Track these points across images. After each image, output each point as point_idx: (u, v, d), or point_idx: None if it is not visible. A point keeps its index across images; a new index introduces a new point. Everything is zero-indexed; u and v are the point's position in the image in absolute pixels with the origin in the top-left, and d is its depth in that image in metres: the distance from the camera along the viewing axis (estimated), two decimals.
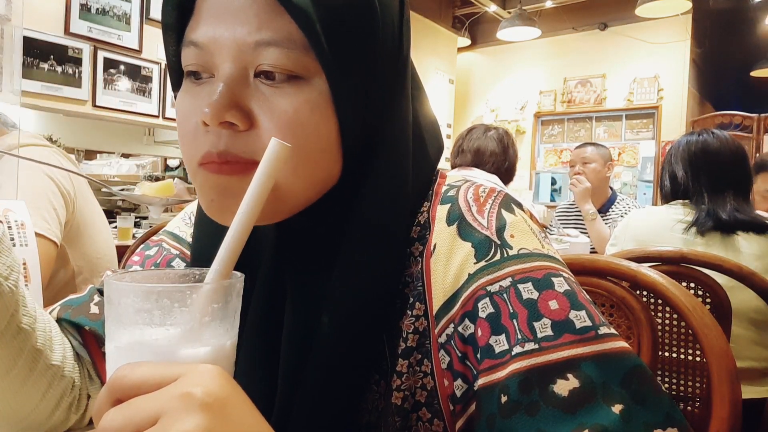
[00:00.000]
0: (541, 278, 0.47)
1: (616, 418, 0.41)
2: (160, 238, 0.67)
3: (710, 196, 1.59)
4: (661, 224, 1.62)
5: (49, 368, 0.55)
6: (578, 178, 2.76)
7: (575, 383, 0.42)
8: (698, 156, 1.66)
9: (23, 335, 0.52)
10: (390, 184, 0.51)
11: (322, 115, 0.47)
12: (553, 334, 0.45)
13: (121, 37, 3.56)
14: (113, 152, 4.10)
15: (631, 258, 1.03)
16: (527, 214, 0.53)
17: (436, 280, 0.50)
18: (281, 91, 0.46)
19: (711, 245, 1.53)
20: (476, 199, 0.53)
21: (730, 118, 5.51)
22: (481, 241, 0.50)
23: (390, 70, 0.51)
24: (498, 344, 0.46)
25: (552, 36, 6.13)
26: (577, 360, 0.43)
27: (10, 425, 0.53)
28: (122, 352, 0.36)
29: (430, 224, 0.52)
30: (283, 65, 0.45)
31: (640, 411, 0.41)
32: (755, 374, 1.51)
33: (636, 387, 0.42)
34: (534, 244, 0.50)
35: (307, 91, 0.46)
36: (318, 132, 0.46)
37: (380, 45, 0.49)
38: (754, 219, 1.53)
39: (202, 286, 0.37)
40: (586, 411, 0.41)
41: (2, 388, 0.51)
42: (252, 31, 0.45)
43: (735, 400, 0.65)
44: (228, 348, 0.38)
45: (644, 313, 0.82)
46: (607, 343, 0.44)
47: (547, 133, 6.46)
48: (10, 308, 0.50)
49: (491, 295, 0.47)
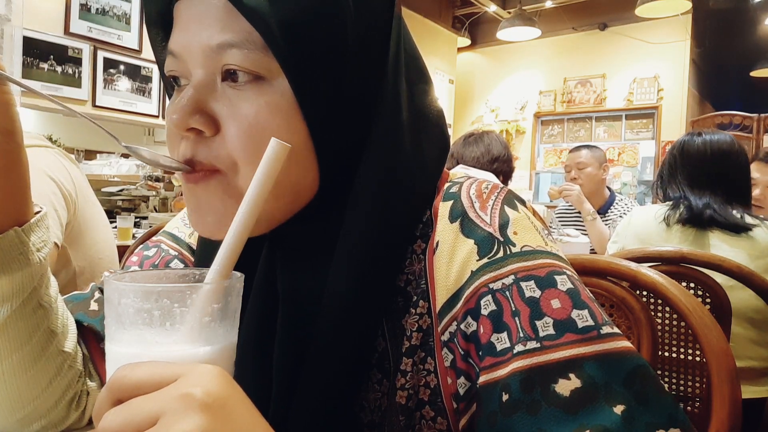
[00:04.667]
0: (543, 276, 0.47)
1: (618, 419, 0.41)
2: (159, 239, 0.67)
3: (689, 192, 1.62)
4: (656, 220, 1.64)
5: (60, 353, 0.55)
6: (567, 186, 2.78)
7: (577, 383, 0.42)
8: (682, 156, 1.70)
9: (42, 312, 0.53)
10: (380, 187, 0.49)
11: (284, 117, 0.46)
12: (555, 333, 0.45)
13: (120, 37, 3.57)
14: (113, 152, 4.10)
15: (631, 258, 1.03)
16: (530, 211, 0.53)
17: (439, 278, 0.50)
18: (244, 94, 0.46)
19: (685, 241, 1.56)
20: (479, 195, 0.52)
21: (730, 118, 5.51)
22: (484, 239, 0.49)
23: (372, 68, 0.49)
24: (500, 342, 0.46)
25: (552, 36, 6.13)
26: (579, 360, 0.43)
27: (11, 412, 0.53)
28: (122, 353, 0.36)
29: (433, 221, 0.52)
30: (244, 66, 0.45)
31: (643, 411, 0.41)
32: (754, 374, 1.51)
33: (638, 387, 0.42)
34: (537, 241, 0.50)
35: (269, 92, 0.45)
36: (284, 137, 0.42)
37: (352, 42, 0.47)
38: (727, 219, 1.54)
39: (202, 286, 0.37)
40: (587, 411, 0.41)
41: (13, 363, 0.52)
42: (214, 35, 0.45)
43: (735, 400, 0.65)
44: (228, 348, 0.38)
45: (644, 313, 0.82)
46: (609, 343, 0.44)
47: (547, 133, 6.46)
48: (35, 279, 0.52)
49: (494, 293, 0.47)
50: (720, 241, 1.54)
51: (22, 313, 0.50)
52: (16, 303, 0.50)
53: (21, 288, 0.50)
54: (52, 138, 3.87)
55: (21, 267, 0.50)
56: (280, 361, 0.51)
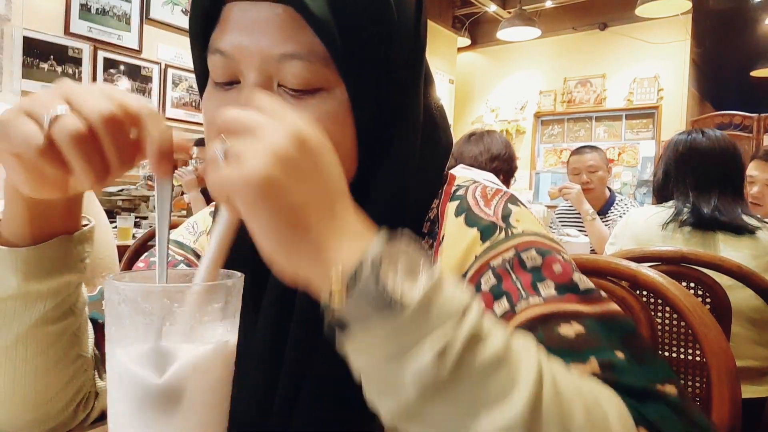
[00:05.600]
0: (545, 248, 0.49)
1: (623, 360, 0.41)
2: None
3: (695, 194, 1.60)
4: (655, 222, 1.63)
5: (78, 357, 0.55)
6: (568, 185, 2.77)
7: (580, 329, 0.43)
8: (685, 155, 1.67)
9: (72, 318, 0.53)
10: (397, 183, 0.52)
11: (341, 124, 0.48)
12: (557, 293, 0.46)
13: (121, 37, 3.57)
14: None
15: (631, 258, 1.03)
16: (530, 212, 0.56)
17: (445, 265, 0.52)
18: (304, 102, 0.47)
19: (690, 243, 1.55)
20: (483, 196, 0.55)
21: (730, 118, 5.51)
22: (487, 226, 0.52)
23: (406, 72, 0.52)
24: (500, 307, 0.47)
25: (552, 36, 6.12)
26: (582, 315, 0.44)
27: (24, 413, 0.53)
28: (122, 353, 0.36)
29: (440, 219, 0.55)
30: (306, 78, 0.46)
31: (641, 367, 0.42)
32: (754, 373, 1.51)
33: (636, 348, 0.43)
34: (539, 229, 0.52)
35: (329, 102, 0.47)
36: (336, 141, 0.46)
37: (396, 50, 0.50)
38: (732, 221, 1.54)
39: (202, 285, 0.37)
40: (593, 350, 0.42)
41: (36, 366, 0.52)
42: (277, 44, 0.46)
43: (735, 400, 0.65)
44: (229, 347, 0.38)
45: (644, 312, 0.82)
46: (608, 305, 0.46)
47: (547, 133, 6.46)
48: (71, 287, 0.52)
49: (494, 269, 0.49)
50: (724, 244, 1.53)
51: (52, 317, 0.51)
52: (49, 305, 0.50)
53: (56, 292, 0.50)
54: None
55: (61, 273, 0.50)
56: (291, 354, 0.52)
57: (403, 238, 0.35)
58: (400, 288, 0.32)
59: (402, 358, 0.32)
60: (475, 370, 0.32)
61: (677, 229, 1.57)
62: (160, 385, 0.35)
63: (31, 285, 0.48)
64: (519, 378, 0.33)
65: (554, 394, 0.33)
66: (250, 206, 0.34)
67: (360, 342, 0.34)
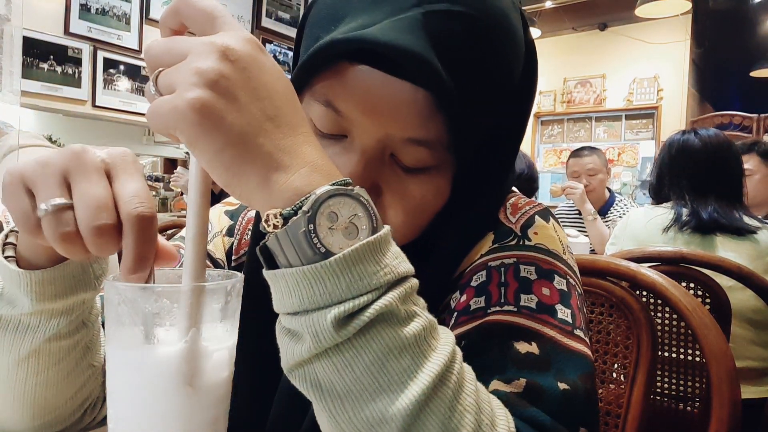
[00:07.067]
0: (545, 268, 0.49)
1: (559, 392, 0.41)
2: (176, 244, 0.67)
3: (691, 197, 1.60)
4: (655, 224, 1.62)
5: (89, 367, 0.55)
6: (571, 184, 2.77)
7: (536, 350, 0.43)
8: (676, 157, 1.67)
9: (84, 331, 0.53)
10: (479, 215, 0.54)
11: (443, 195, 0.50)
12: (535, 308, 0.46)
13: (120, 37, 3.56)
14: None
15: (631, 258, 1.03)
16: (560, 230, 0.56)
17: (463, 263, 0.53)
18: (414, 177, 0.48)
19: (690, 245, 1.54)
20: (514, 205, 0.56)
21: (729, 118, 5.51)
22: (504, 232, 0.53)
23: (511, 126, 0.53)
24: (476, 303, 0.47)
25: (552, 36, 6.12)
26: (547, 338, 0.44)
27: (32, 419, 0.53)
28: (122, 353, 0.36)
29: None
30: (426, 161, 0.47)
31: (581, 403, 0.42)
32: (754, 374, 1.51)
33: (588, 388, 0.43)
34: (554, 246, 0.52)
35: (437, 179, 0.48)
36: (435, 209, 0.49)
37: (507, 126, 0.52)
38: (732, 223, 1.54)
39: (202, 286, 0.37)
40: (533, 374, 0.42)
41: (48, 377, 0.51)
42: (407, 128, 0.45)
43: (734, 400, 0.65)
44: (228, 348, 0.38)
45: (644, 313, 0.82)
46: (578, 343, 0.46)
47: (547, 134, 6.46)
48: (87, 303, 0.51)
49: (489, 269, 0.49)
50: (724, 245, 1.53)
51: (66, 332, 0.50)
52: (63, 322, 0.49)
53: (71, 310, 0.50)
54: (51, 138, 3.86)
55: (76, 292, 0.49)
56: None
57: (360, 197, 0.34)
58: (330, 239, 0.32)
59: (310, 306, 0.32)
60: (377, 346, 0.32)
61: (678, 231, 1.57)
62: (160, 386, 0.35)
63: (46, 305, 0.46)
64: (420, 373, 0.32)
65: (449, 405, 0.32)
66: (190, 135, 0.32)
67: (279, 276, 0.33)
